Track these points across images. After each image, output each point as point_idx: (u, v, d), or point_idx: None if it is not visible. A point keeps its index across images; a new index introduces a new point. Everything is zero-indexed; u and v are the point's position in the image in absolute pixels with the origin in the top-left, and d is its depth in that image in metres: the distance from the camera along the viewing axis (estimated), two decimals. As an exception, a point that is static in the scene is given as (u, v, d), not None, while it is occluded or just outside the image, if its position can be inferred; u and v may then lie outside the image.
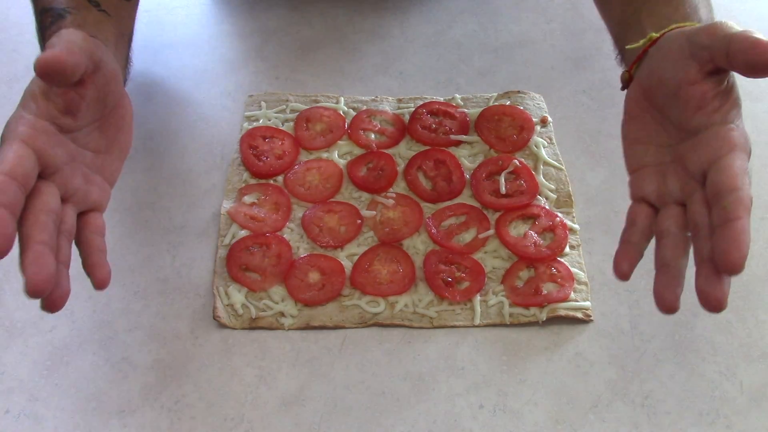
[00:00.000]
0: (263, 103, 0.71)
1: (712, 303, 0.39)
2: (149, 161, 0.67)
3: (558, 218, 0.61)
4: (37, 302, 0.58)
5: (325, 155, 0.66)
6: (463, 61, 0.76)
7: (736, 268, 0.39)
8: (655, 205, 0.46)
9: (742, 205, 0.40)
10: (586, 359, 0.54)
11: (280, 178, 0.64)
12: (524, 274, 0.58)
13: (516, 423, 0.51)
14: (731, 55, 0.42)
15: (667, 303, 0.42)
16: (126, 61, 0.57)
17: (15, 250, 0.62)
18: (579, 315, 0.56)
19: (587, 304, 0.56)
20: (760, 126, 0.70)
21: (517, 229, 0.60)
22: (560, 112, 0.71)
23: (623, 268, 0.45)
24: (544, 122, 0.68)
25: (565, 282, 0.57)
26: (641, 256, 0.46)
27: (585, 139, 0.69)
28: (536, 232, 0.60)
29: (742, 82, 0.76)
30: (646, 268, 0.59)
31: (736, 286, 0.58)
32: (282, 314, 0.56)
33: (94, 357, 0.54)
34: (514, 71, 0.75)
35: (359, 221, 0.61)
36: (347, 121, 0.68)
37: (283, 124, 0.69)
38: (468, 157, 0.66)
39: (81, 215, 0.45)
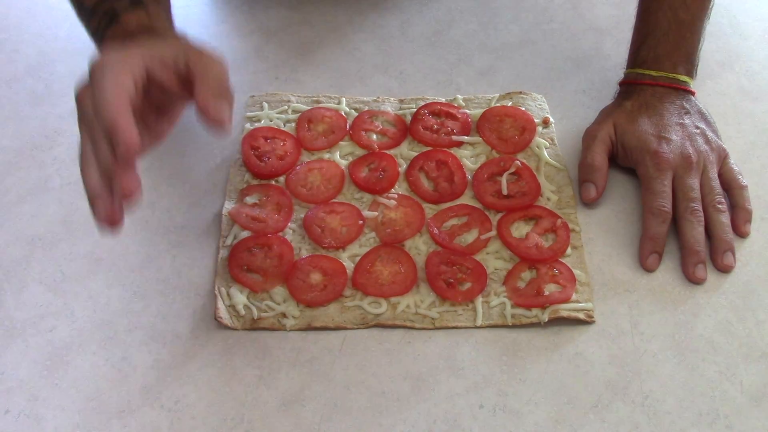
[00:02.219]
0: (265, 104, 0.71)
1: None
2: (149, 161, 0.67)
3: (560, 219, 0.61)
4: (37, 302, 0.59)
5: (326, 156, 0.66)
6: (463, 61, 0.76)
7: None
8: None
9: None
10: (586, 359, 0.54)
11: (281, 179, 0.64)
12: (526, 275, 0.58)
13: (516, 423, 0.51)
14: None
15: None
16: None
17: (10, 249, 0.62)
18: (581, 316, 0.56)
19: (589, 305, 0.56)
20: (760, 126, 0.70)
21: (518, 230, 0.61)
22: (560, 112, 0.71)
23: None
24: (546, 123, 0.68)
25: (566, 283, 0.57)
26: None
27: (585, 139, 0.69)
28: (538, 233, 0.60)
29: (742, 82, 0.77)
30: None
31: (736, 285, 0.58)
32: (284, 315, 0.56)
33: (94, 357, 0.54)
34: (514, 71, 0.75)
35: (361, 222, 0.61)
36: (349, 122, 0.68)
37: (284, 125, 0.69)
38: (470, 157, 0.66)
39: None
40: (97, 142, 0.47)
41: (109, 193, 0.47)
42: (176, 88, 0.50)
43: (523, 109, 0.69)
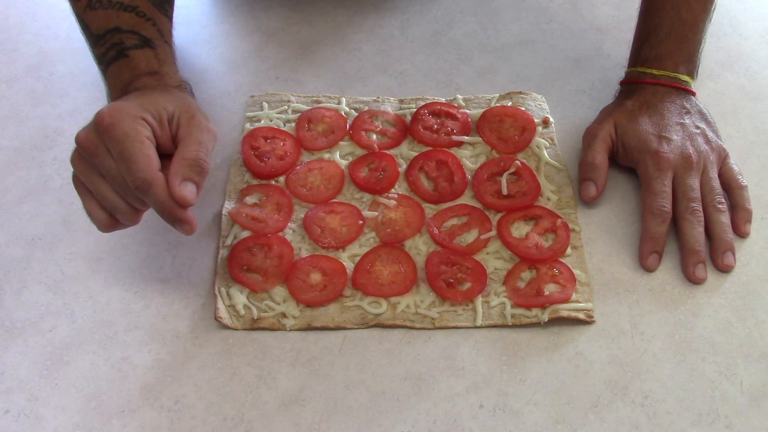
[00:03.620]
0: (265, 104, 0.71)
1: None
2: (149, 161, 0.67)
3: (560, 219, 0.61)
4: (37, 302, 0.59)
5: (326, 156, 0.66)
6: (463, 61, 0.76)
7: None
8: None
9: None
10: (586, 359, 0.54)
11: (281, 179, 0.64)
12: (526, 275, 0.58)
13: (516, 423, 0.51)
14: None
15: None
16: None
17: (10, 249, 0.62)
18: (581, 316, 0.56)
19: (589, 305, 0.56)
20: (760, 126, 0.70)
21: (518, 230, 0.61)
22: (560, 112, 0.71)
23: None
24: (545, 123, 0.68)
25: (566, 283, 0.57)
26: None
27: (585, 139, 0.69)
28: (538, 233, 0.60)
29: (742, 82, 0.77)
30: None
31: (736, 285, 0.58)
32: (284, 315, 0.56)
33: (94, 357, 0.54)
34: (514, 71, 0.75)
35: (361, 222, 0.61)
36: (349, 122, 0.68)
37: (284, 125, 0.69)
38: (470, 157, 0.66)
39: None
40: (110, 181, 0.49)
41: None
42: (167, 145, 0.52)
43: (523, 109, 0.69)
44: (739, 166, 0.64)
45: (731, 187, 0.62)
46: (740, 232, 0.61)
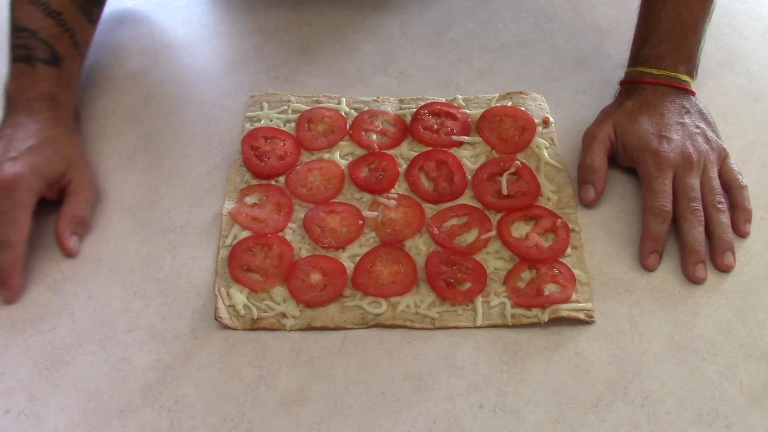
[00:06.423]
0: (265, 104, 0.71)
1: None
2: (149, 161, 0.67)
3: (560, 219, 0.61)
4: (37, 302, 0.59)
5: (326, 156, 0.66)
6: (463, 61, 0.77)
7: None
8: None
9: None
10: (586, 359, 0.54)
11: (281, 179, 0.64)
12: (526, 275, 0.58)
13: (516, 423, 0.51)
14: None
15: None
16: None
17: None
18: (581, 316, 0.56)
19: (589, 305, 0.56)
20: (760, 126, 0.70)
21: (518, 230, 0.61)
22: (560, 112, 0.71)
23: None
24: (545, 123, 0.68)
25: (566, 283, 0.57)
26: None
27: (585, 139, 0.69)
28: (538, 233, 0.60)
29: (742, 82, 0.77)
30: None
31: (736, 286, 0.58)
32: (284, 315, 0.56)
33: (94, 357, 0.54)
34: (514, 71, 0.75)
35: (361, 222, 0.61)
36: (349, 122, 0.68)
37: (284, 125, 0.69)
38: (470, 157, 0.66)
39: None
40: None
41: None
42: (54, 197, 0.61)
43: (523, 109, 0.69)
44: (739, 166, 0.64)
45: (731, 187, 0.62)
46: (740, 232, 0.61)
